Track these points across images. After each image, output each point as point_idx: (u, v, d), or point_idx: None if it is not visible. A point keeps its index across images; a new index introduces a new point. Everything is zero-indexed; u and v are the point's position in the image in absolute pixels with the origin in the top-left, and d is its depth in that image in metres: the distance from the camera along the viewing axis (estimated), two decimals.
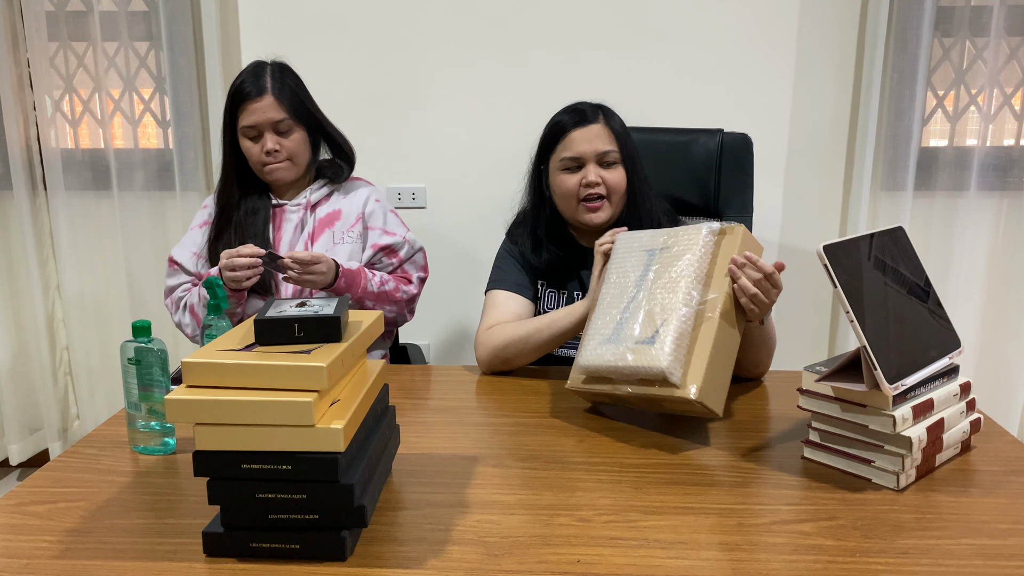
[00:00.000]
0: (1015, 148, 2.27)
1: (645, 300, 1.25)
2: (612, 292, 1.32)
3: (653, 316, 1.22)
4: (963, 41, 2.20)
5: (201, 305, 1.68)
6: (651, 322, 1.22)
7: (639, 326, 1.23)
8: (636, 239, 1.36)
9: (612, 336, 1.25)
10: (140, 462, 1.17)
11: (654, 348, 1.18)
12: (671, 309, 1.21)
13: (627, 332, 1.23)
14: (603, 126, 1.55)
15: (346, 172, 1.78)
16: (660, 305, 1.23)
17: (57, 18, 2.32)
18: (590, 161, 1.54)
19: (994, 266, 2.33)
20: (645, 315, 1.23)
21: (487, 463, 1.15)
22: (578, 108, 1.58)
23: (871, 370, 1.01)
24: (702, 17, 2.25)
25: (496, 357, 1.51)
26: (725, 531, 0.96)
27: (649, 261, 1.30)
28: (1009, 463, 1.14)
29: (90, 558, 0.91)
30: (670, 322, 1.20)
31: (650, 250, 1.32)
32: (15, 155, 2.37)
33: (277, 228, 1.73)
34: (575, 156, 1.54)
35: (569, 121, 1.56)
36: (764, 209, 2.28)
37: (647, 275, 1.29)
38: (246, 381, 0.88)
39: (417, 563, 0.90)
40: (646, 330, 1.21)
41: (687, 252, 1.27)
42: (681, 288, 1.23)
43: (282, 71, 1.69)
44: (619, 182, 1.55)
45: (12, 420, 2.58)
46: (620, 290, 1.31)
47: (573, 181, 1.55)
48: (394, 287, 1.74)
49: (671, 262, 1.27)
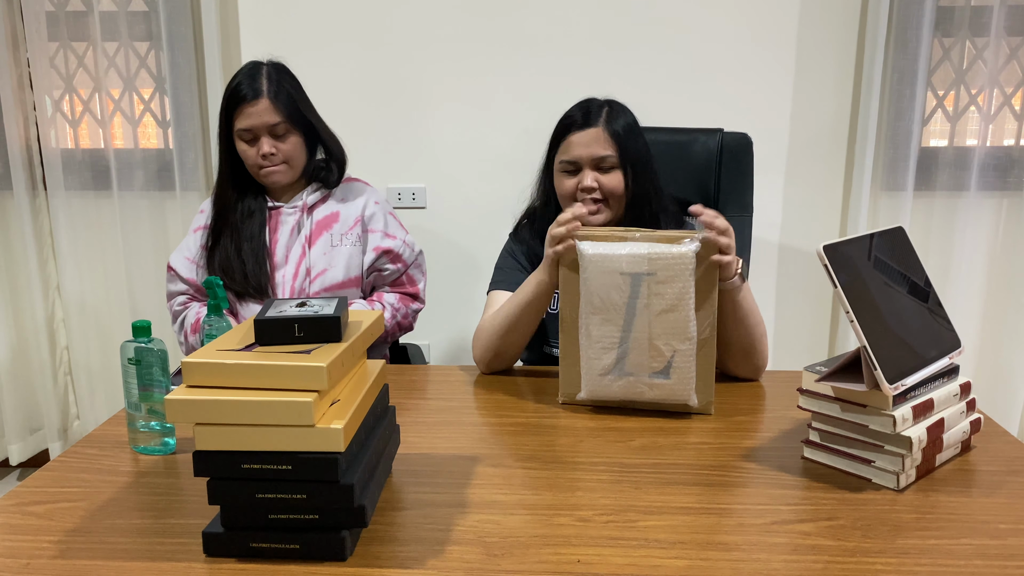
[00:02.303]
0: (1015, 148, 2.27)
1: (647, 331, 1.27)
2: (597, 316, 1.29)
3: (660, 349, 1.27)
4: (963, 41, 2.20)
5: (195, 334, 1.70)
6: (659, 355, 1.28)
7: (647, 358, 1.28)
8: (610, 262, 1.27)
9: (617, 367, 1.30)
10: (140, 462, 1.17)
11: (672, 382, 1.28)
12: (678, 343, 1.27)
13: (635, 364, 1.29)
14: (602, 129, 1.53)
15: (336, 175, 1.76)
16: (665, 337, 1.27)
17: (57, 18, 2.32)
18: (587, 165, 1.53)
19: (994, 266, 2.33)
20: (651, 348, 1.28)
21: (487, 463, 1.15)
22: (584, 106, 1.57)
23: (871, 370, 1.01)
24: (702, 17, 2.25)
25: (487, 351, 1.51)
26: (725, 531, 0.96)
27: (635, 287, 1.27)
28: (1009, 463, 1.14)
29: (90, 558, 0.91)
30: (683, 355, 1.27)
31: (633, 275, 1.26)
32: (15, 155, 2.37)
33: (273, 231, 1.73)
34: (572, 160, 1.54)
35: (571, 123, 1.56)
36: (764, 209, 2.28)
37: (637, 303, 1.27)
38: (246, 381, 0.88)
39: (417, 563, 0.90)
40: (656, 362, 1.28)
41: (678, 280, 1.25)
42: (685, 319, 1.26)
43: (278, 72, 1.68)
44: (616, 186, 1.53)
45: (12, 420, 2.58)
46: (608, 315, 1.28)
47: (571, 184, 1.55)
48: (404, 313, 1.76)
49: (662, 290, 1.25)
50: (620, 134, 1.54)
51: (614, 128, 1.54)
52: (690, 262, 1.25)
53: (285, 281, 1.70)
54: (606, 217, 1.56)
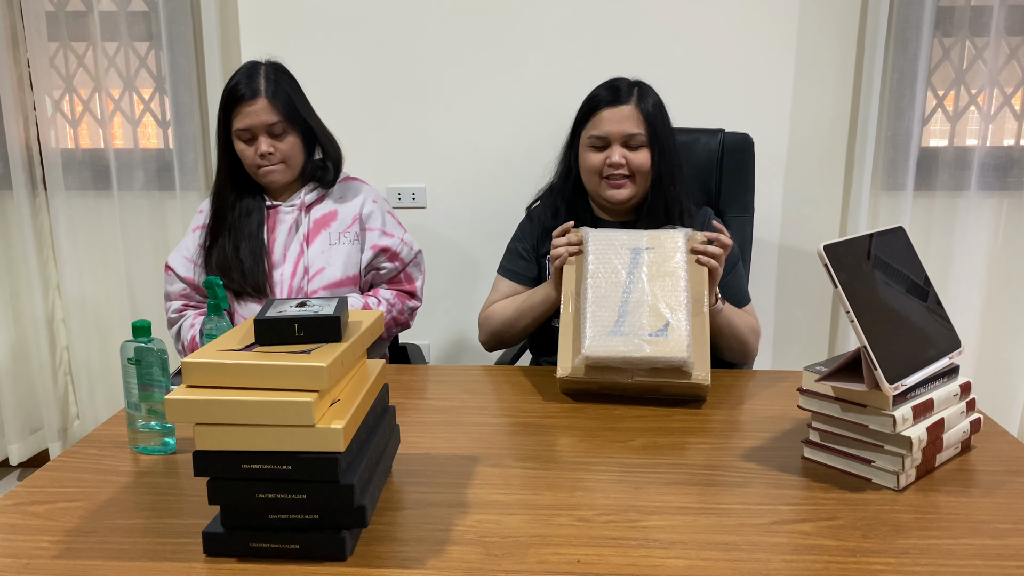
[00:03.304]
0: (1015, 148, 2.26)
1: (648, 295, 1.36)
2: (603, 285, 1.39)
3: (659, 310, 1.35)
4: (963, 41, 2.20)
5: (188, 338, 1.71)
6: (659, 316, 1.34)
7: (647, 319, 1.34)
8: (614, 237, 1.43)
9: (616, 328, 1.34)
10: (140, 462, 1.17)
11: (669, 340, 1.31)
12: (676, 305, 1.34)
13: (635, 325, 1.34)
14: (634, 107, 1.57)
15: (332, 175, 1.76)
16: (664, 301, 1.35)
17: (57, 18, 2.32)
18: (616, 142, 1.57)
19: (994, 266, 2.33)
20: (651, 309, 1.35)
21: (487, 463, 1.15)
22: (614, 85, 1.61)
23: (871, 370, 1.01)
24: (702, 17, 2.25)
25: (492, 338, 1.69)
26: (725, 531, 0.96)
27: (635, 259, 1.40)
28: (1009, 463, 1.14)
29: (90, 558, 0.91)
30: (679, 317, 1.34)
31: (634, 249, 1.42)
32: (15, 155, 2.37)
33: (271, 230, 1.73)
34: (602, 135, 1.58)
35: (603, 99, 1.60)
36: (764, 209, 2.28)
37: (639, 272, 1.38)
38: (246, 381, 0.88)
39: (417, 563, 0.90)
40: (655, 323, 1.33)
41: (675, 254, 1.40)
42: (680, 287, 1.37)
43: (276, 72, 1.68)
44: (643, 163, 1.58)
45: (12, 420, 2.58)
46: (612, 284, 1.38)
47: (598, 159, 1.59)
48: (400, 309, 1.76)
49: (661, 262, 1.40)
50: (651, 113, 1.58)
51: (646, 107, 1.58)
52: (682, 242, 1.42)
53: (283, 280, 1.70)
54: (630, 192, 1.60)
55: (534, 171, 2.39)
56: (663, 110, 1.61)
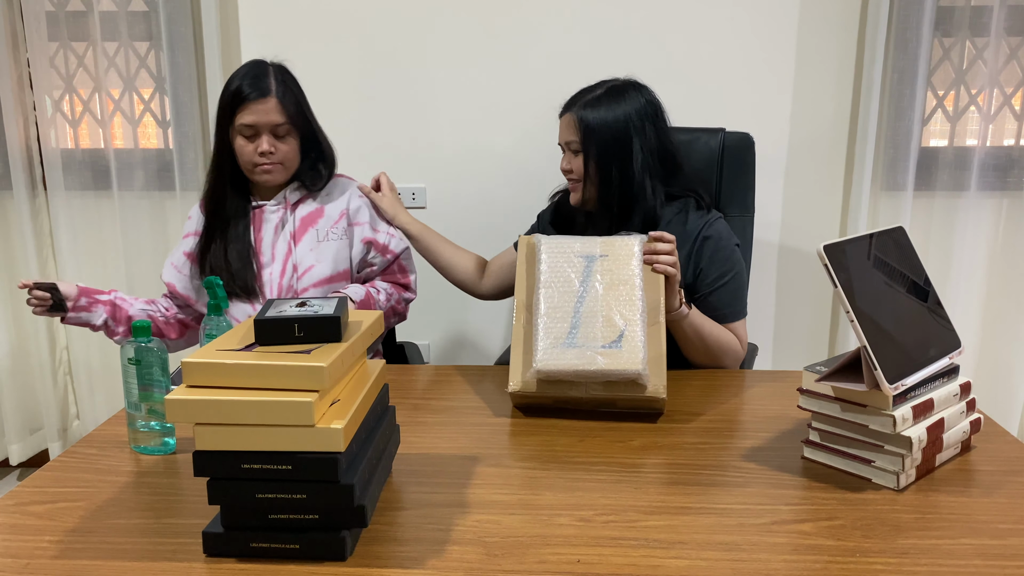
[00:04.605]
0: (1015, 148, 2.26)
1: (602, 304, 1.31)
2: (555, 295, 1.34)
3: (614, 320, 1.30)
4: (963, 41, 2.20)
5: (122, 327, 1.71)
6: (613, 326, 1.29)
7: (600, 330, 1.29)
8: (567, 245, 1.39)
9: (569, 340, 1.29)
10: (140, 462, 1.17)
11: (624, 352, 1.26)
12: (631, 314, 1.30)
13: (588, 336, 1.29)
14: (571, 115, 1.59)
15: (324, 179, 1.76)
16: (618, 311, 1.31)
17: (57, 18, 2.32)
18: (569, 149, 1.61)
19: (994, 266, 2.33)
20: (604, 320, 1.30)
21: (487, 463, 1.15)
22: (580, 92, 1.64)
23: (871, 370, 1.01)
24: (702, 17, 2.25)
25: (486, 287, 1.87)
26: (725, 531, 0.96)
27: (589, 267, 1.36)
28: (1009, 463, 1.14)
29: (90, 558, 0.91)
30: (634, 327, 1.29)
31: (588, 256, 1.37)
32: (15, 155, 2.37)
33: (257, 229, 1.72)
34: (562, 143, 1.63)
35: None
36: (764, 209, 2.28)
37: (592, 281, 1.34)
38: (246, 381, 0.88)
39: (417, 563, 0.90)
40: (609, 334, 1.29)
41: (629, 260, 1.36)
42: (636, 296, 1.32)
43: (284, 74, 1.68)
44: (580, 168, 1.59)
45: (12, 420, 2.58)
46: (564, 294, 1.34)
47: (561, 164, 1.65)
48: (397, 299, 1.77)
49: (616, 269, 1.35)
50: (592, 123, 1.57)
51: (581, 116, 1.58)
52: (637, 248, 1.37)
53: (272, 279, 1.70)
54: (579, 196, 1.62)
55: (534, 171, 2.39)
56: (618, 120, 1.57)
